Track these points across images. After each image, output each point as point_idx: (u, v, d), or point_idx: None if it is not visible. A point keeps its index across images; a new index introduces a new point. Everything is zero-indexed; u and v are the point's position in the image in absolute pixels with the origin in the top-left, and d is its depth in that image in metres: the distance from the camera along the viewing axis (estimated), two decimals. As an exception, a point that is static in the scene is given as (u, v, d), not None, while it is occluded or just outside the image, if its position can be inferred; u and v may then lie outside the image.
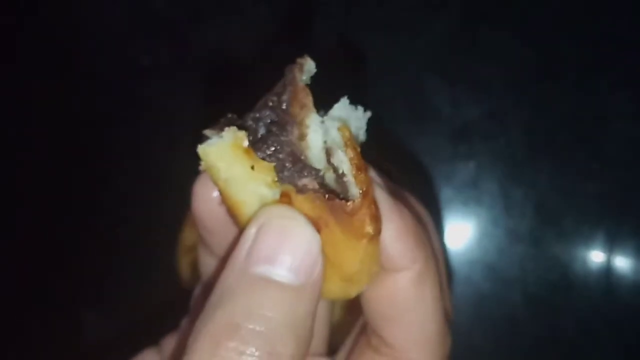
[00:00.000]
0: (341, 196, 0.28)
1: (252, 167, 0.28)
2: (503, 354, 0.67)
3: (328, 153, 0.28)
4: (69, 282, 0.70)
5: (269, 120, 0.29)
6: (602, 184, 0.66)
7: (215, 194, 0.32)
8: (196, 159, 0.30)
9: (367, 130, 0.31)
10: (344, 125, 0.29)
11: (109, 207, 0.72)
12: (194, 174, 0.33)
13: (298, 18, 0.72)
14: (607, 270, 0.66)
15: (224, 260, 0.31)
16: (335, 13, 0.72)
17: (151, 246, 0.70)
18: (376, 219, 0.28)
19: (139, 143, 0.73)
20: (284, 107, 0.29)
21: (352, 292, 0.31)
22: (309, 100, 0.29)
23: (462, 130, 0.69)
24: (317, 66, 0.31)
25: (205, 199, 0.32)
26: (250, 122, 0.29)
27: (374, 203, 0.28)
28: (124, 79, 0.74)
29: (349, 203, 0.27)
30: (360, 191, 0.27)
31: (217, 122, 0.30)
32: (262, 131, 0.29)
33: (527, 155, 0.68)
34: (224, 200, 0.30)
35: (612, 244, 0.66)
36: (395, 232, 0.30)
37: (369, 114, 0.31)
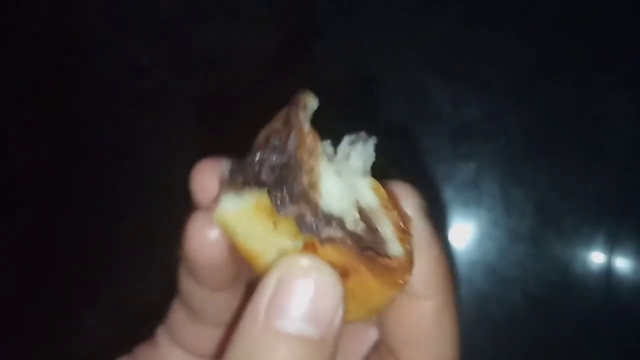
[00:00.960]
0: (376, 249, 0.26)
1: (274, 225, 0.26)
2: (503, 354, 0.67)
3: (362, 213, 0.27)
4: (68, 282, 0.70)
5: (277, 164, 0.27)
6: (602, 184, 0.66)
7: (214, 234, 0.30)
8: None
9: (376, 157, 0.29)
10: (377, 184, 0.27)
11: (109, 206, 0.72)
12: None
13: (298, 18, 0.72)
14: (608, 271, 0.66)
15: (238, 312, 0.30)
16: (335, 13, 0.72)
17: (151, 246, 0.70)
18: (413, 266, 0.27)
19: (139, 143, 0.73)
20: (291, 152, 0.27)
21: (372, 317, 0.31)
22: (317, 146, 0.27)
23: (462, 130, 0.69)
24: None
25: (201, 241, 0.30)
26: (257, 167, 0.27)
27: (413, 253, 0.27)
28: (124, 79, 0.74)
29: (392, 261, 0.26)
30: (405, 251, 0.26)
31: (225, 172, 0.27)
32: (271, 177, 0.27)
33: (527, 156, 0.68)
34: (237, 249, 0.28)
35: (612, 245, 0.66)
36: (427, 262, 0.30)
37: (373, 141, 0.28)
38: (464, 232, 0.68)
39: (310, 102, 0.28)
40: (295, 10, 0.72)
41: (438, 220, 0.68)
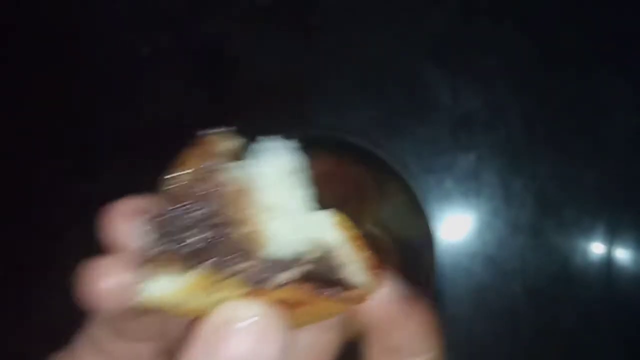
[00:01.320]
0: (336, 282, 0.25)
1: (215, 287, 0.24)
2: (503, 345, 0.66)
3: (321, 249, 0.25)
4: (68, 280, 0.70)
5: (203, 219, 0.24)
6: (602, 175, 0.66)
7: (112, 284, 0.28)
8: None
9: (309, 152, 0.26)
10: (342, 221, 0.25)
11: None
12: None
13: (298, 11, 0.72)
14: (608, 262, 0.65)
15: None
16: (335, 5, 0.72)
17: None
18: (374, 290, 0.26)
19: (139, 142, 0.73)
20: (217, 206, 0.24)
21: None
22: (248, 196, 0.24)
23: (462, 121, 0.69)
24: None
25: (97, 292, 0.28)
26: (182, 229, 0.24)
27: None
28: (124, 79, 0.74)
29: (352, 292, 0.25)
30: (367, 281, 0.25)
31: (147, 242, 0.24)
32: (201, 237, 0.24)
33: (528, 146, 0.68)
34: (166, 312, 0.25)
35: (612, 235, 0.65)
36: (419, 327, 0.31)
37: (294, 147, 0.25)
38: (464, 222, 0.68)
39: (226, 145, 0.25)
40: (296, 2, 0.72)
41: (438, 211, 0.68)
